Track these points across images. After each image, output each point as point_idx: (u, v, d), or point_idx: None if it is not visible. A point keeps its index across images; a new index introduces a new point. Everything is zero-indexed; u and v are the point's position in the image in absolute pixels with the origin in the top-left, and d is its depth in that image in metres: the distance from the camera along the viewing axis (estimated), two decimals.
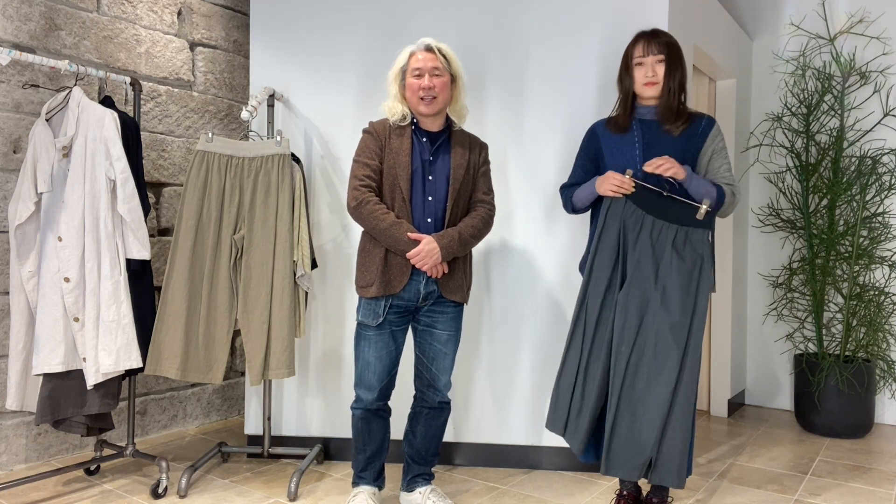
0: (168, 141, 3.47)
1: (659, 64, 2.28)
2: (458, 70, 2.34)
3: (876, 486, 2.81)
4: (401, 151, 2.29)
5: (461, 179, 2.33)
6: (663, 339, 2.17)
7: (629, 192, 2.24)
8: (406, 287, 2.28)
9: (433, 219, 2.29)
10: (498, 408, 2.98)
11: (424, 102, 2.27)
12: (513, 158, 2.96)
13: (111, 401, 2.57)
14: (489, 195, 2.42)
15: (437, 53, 2.29)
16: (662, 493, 2.41)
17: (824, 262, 3.73)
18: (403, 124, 2.33)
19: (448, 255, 2.25)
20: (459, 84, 2.35)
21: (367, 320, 2.31)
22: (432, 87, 2.26)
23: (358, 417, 2.39)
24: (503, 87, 2.96)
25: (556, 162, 2.92)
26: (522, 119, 2.95)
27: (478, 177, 2.39)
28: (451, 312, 2.37)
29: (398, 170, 2.27)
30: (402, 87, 2.33)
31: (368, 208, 2.23)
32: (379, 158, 2.30)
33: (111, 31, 3.22)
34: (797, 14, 4.04)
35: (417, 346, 2.41)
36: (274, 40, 3.10)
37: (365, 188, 2.26)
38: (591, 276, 2.30)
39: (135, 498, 2.61)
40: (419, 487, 2.48)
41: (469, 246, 2.32)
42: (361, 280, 2.31)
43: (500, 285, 2.96)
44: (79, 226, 2.49)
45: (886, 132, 3.78)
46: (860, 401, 3.52)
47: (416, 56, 2.29)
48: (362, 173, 2.28)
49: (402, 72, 2.32)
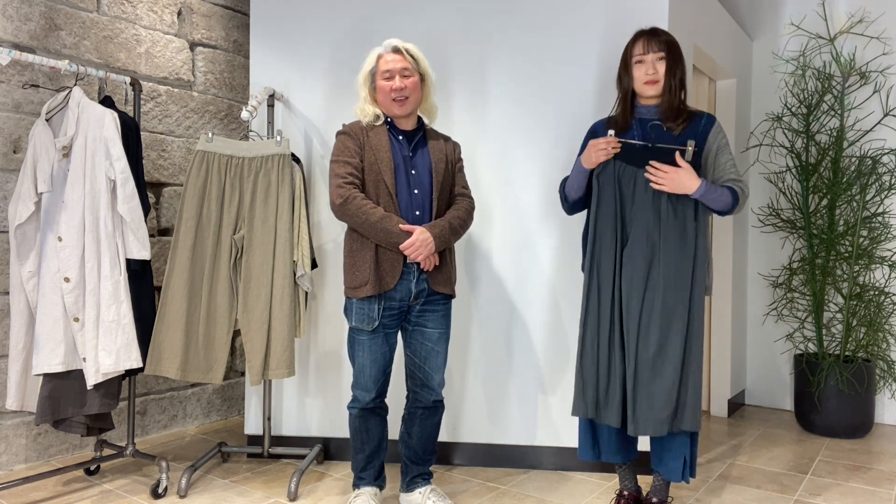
0: (168, 141, 3.47)
1: (659, 62, 2.26)
2: (427, 69, 2.36)
3: (876, 486, 2.81)
4: (381, 148, 2.30)
5: (443, 173, 2.35)
6: (670, 289, 2.19)
7: (617, 151, 2.23)
8: (398, 286, 2.28)
9: (421, 211, 2.30)
10: (497, 408, 2.98)
11: (398, 104, 2.29)
12: (514, 156, 2.96)
13: (111, 401, 2.57)
14: (468, 189, 2.46)
15: (404, 54, 2.31)
16: (663, 492, 2.41)
17: (824, 262, 3.73)
18: (377, 124, 2.35)
19: (441, 244, 2.27)
20: (429, 82, 2.37)
21: (362, 325, 2.30)
22: (404, 87, 2.28)
23: (355, 416, 2.39)
24: (503, 88, 2.96)
25: (557, 162, 2.92)
26: (522, 118, 2.95)
27: (455, 172, 2.43)
28: (441, 310, 2.38)
29: (381, 165, 2.27)
30: (373, 89, 2.35)
31: (356, 204, 2.22)
32: (359, 156, 2.30)
33: (111, 31, 3.22)
34: (797, 14, 4.04)
35: (408, 346, 2.40)
36: (274, 40, 3.10)
37: (349, 185, 2.25)
38: (595, 248, 2.29)
39: (135, 498, 2.61)
40: (419, 487, 2.48)
41: (457, 236, 2.35)
42: (353, 281, 2.29)
43: (491, 283, 2.96)
44: (79, 226, 2.49)
45: (886, 132, 3.78)
46: (860, 401, 3.52)
47: (385, 58, 2.31)
48: (344, 171, 2.27)
49: (371, 74, 2.34)
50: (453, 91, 3.00)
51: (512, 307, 2.96)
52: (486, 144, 2.97)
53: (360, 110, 2.36)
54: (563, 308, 2.92)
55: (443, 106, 2.97)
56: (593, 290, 2.30)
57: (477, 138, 2.98)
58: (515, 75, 2.95)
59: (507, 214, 2.96)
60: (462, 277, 2.99)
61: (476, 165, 2.98)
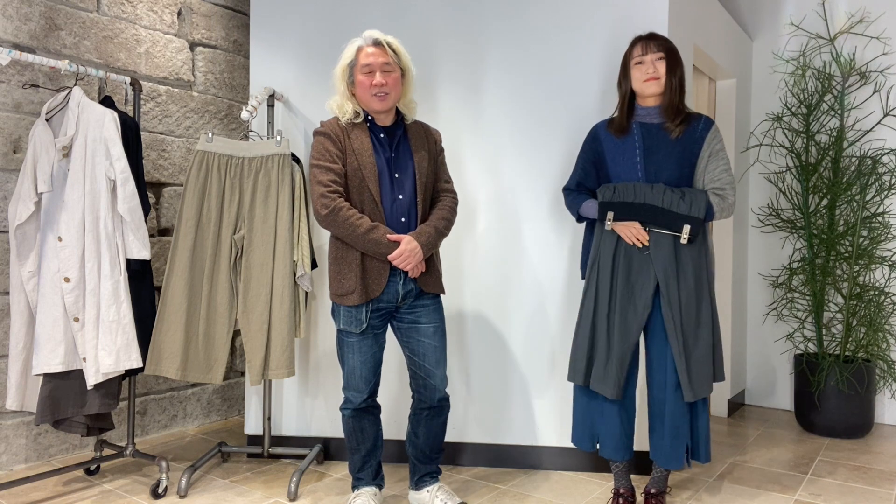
0: (168, 141, 3.47)
1: (659, 61, 2.31)
2: (408, 63, 2.29)
3: (876, 486, 2.81)
4: (363, 152, 2.23)
5: (426, 172, 2.31)
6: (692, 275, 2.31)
7: (641, 245, 2.32)
8: (385, 289, 2.26)
9: (406, 218, 2.27)
10: (498, 408, 2.98)
11: (378, 98, 2.22)
12: (510, 152, 2.96)
13: (111, 401, 2.57)
14: (450, 182, 2.42)
15: (386, 48, 2.23)
16: (661, 483, 2.46)
17: (824, 262, 3.73)
18: (357, 121, 2.28)
19: (428, 251, 2.25)
20: (409, 77, 2.30)
21: (350, 328, 2.28)
22: (384, 83, 2.21)
23: (348, 417, 2.38)
24: (502, 87, 2.96)
25: (557, 161, 2.92)
26: (522, 118, 2.95)
27: (438, 166, 2.39)
28: (431, 304, 2.36)
29: (365, 172, 2.21)
30: (351, 83, 2.26)
31: (343, 215, 2.17)
32: (341, 161, 2.23)
33: (111, 31, 3.22)
34: (797, 14, 4.04)
35: (405, 345, 2.37)
36: (274, 40, 3.10)
37: (333, 194, 2.18)
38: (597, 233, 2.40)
39: (135, 498, 2.61)
40: (427, 486, 2.48)
41: (443, 238, 2.33)
42: (339, 289, 2.25)
43: (496, 284, 2.96)
44: (79, 226, 2.49)
45: (886, 132, 3.78)
46: (860, 401, 3.52)
47: (365, 51, 2.23)
48: (327, 178, 2.19)
49: (349, 67, 2.25)
50: (448, 88, 2.99)
51: (519, 307, 2.96)
52: (478, 141, 2.97)
53: (339, 106, 2.28)
54: (564, 305, 2.92)
55: (439, 102, 2.96)
56: (592, 281, 2.38)
57: (469, 134, 2.97)
58: (510, 73, 2.95)
59: (518, 214, 2.96)
60: (460, 278, 2.99)
61: (465, 162, 2.97)
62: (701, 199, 2.29)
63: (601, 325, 2.34)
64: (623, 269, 2.32)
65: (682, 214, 2.27)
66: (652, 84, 2.30)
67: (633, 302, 2.31)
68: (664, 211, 2.28)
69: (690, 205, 2.28)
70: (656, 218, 2.28)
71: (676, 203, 2.27)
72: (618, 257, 2.33)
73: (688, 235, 2.27)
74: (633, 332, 2.31)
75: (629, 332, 2.30)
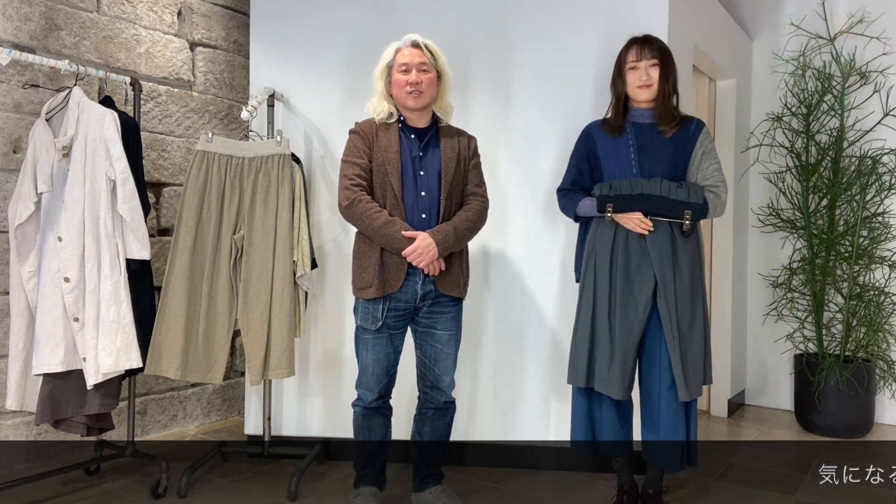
0: (168, 141, 3.47)
1: (653, 68, 2.33)
2: (444, 66, 2.33)
3: (876, 487, 2.80)
4: (389, 148, 2.27)
5: (453, 173, 2.31)
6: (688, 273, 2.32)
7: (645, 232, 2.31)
8: (403, 287, 2.26)
9: (427, 215, 2.28)
10: (499, 408, 2.98)
11: (412, 96, 2.25)
12: (505, 152, 2.96)
13: (111, 401, 2.57)
14: (482, 187, 2.41)
15: (423, 49, 2.28)
16: (657, 483, 2.46)
17: (824, 262, 3.73)
18: (390, 122, 2.32)
19: (444, 250, 2.24)
20: (445, 80, 2.34)
21: (366, 324, 2.30)
22: (420, 82, 2.24)
23: (358, 414, 2.40)
24: (503, 88, 2.96)
25: (554, 160, 2.92)
26: (522, 119, 2.95)
27: (469, 169, 2.38)
28: (451, 311, 2.36)
29: (388, 167, 2.25)
30: (388, 83, 2.31)
31: (361, 207, 2.21)
32: (368, 157, 2.28)
33: (111, 31, 3.22)
34: (797, 14, 4.03)
35: (418, 347, 2.39)
36: (274, 40, 3.10)
37: (356, 187, 2.24)
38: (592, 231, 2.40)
39: (135, 498, 2.60)
40: (430, 487, 2.48)
41: (465, 240, 2.31)
42: (359, 282, 2.30)
43: (500, 284, 2.96)
44: (79, 226, 2.48)
45: (886, 132, 3.77)
46: (860, 401, 3.52)
47: (403, 52, 2.28)
48: (352, 172, 2.26)
49: (387, 68, 2.30)
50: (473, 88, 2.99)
51: (525, 308, 2.94)
52: (508, 142, 2.95)
53: (374, 107, 2.33)
54: (573, 309, 2.91)
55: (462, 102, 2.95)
56: (589, 281, 2.38)
57: (500, 135, 2.95)
58: (535, 73, 2.95)
59: (524, 214, 2.95)
60: (477, 277, 2.96)
61: (496, 162, 2.96)
62: (698, 188, 2.31)
63: (602, 324, 2.33)
64: (621, 266, 2.32)
65: (681, 201, 2.27)
66: (644, 91, 2.34)
67: (634, 300, 2.30)
68: (664, 199, 2.27)
69: (689, 192, 2.29)
70: (656, 206, 2.27)
71: (675, 191, 2.28)
72: (615, 254, 2.33)
73: (690, 221, 2.27)
74: (636, 331, 2.30)
75: (631, 331, 2.30)
